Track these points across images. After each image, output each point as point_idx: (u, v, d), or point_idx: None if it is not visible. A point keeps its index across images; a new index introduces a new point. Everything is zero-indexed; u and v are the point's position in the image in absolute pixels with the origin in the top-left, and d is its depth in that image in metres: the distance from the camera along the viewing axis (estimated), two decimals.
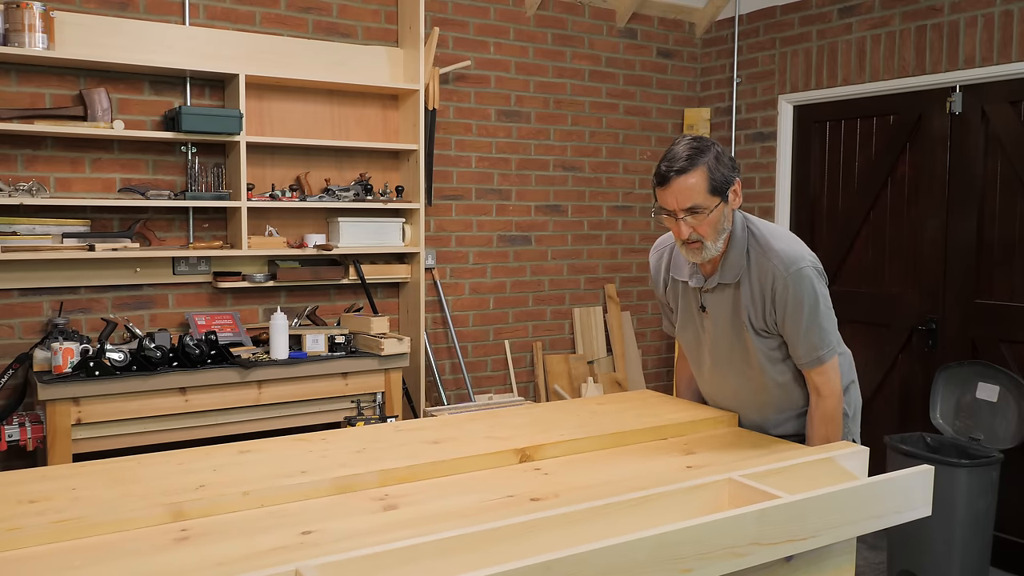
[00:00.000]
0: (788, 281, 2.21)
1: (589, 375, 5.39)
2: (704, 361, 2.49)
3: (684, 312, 2.49)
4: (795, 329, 2.24)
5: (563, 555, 1.33)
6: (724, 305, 2.34)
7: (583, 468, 1.98)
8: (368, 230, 4.46)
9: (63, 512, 1.56)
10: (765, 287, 2.25)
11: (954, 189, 4.38)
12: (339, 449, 2.01)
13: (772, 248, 2.26)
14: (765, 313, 2.27)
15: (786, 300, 2.22)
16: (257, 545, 1.47)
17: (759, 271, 2.26)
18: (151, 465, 1.87)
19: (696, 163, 2.17)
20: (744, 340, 2.34)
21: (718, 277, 2.32)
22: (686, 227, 2.20)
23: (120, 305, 4.04)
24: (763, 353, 2.33)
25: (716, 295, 2.35)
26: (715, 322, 2.37)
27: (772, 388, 2.38)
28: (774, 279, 2.23)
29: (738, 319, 2.32)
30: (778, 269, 2.22)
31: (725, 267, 2.30)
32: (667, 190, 2.19)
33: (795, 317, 2.23)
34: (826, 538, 1.69)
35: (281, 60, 4.27)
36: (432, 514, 1.65)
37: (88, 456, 3.34)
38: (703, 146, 2.20)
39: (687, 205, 2.18)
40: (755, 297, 2.27)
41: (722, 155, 2.22)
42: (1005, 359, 4.13)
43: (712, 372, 2.49)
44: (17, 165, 3.78)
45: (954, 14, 4.32)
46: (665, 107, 5.73)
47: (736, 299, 2.31)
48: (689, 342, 2.53)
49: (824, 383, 2.28)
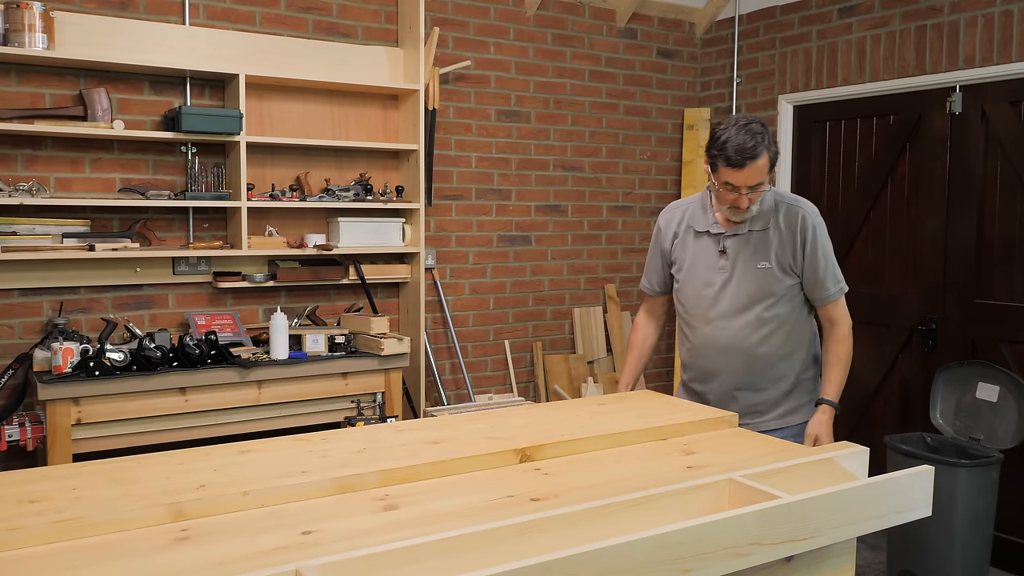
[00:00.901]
0: (816, 224, 2.70)
1: (589, 375, 5.39)
2: (710, 300, 2.78)
3: (693, 258, 2.83)
4: (824, 264, 2.71)
5: (563, 555, 1.33)
6: (746, 247, 2.73)
7: (583, 468, 1.98)
8: (368, 230, 4.46)
9: (63, 512, 1.56)
10: (795, 230, 2.69)
11: (954, 189, 4.38)
12: (339, 449, 2.00)
13: (797, 201, 2.76)
14: (795, 252, 2.70)
15: (817, 240, 2.69)
16: (257, 545, 1.47)
17: (787, 218, 2.71)
18: (151, 465, 1.86)
19: (761, 150, 2.55)
20: (761, 277, 2.71)
21: (747, 225, 2.72)
22: (747, 200, 2.61)
23: (120, 305, 4.04)
24: (777, 287, 2.71)
25: (740, 239, 2.73)
26: (734, 262, 2.75)
27: (774, 321, 2.73)
28: (803, 222, 2.69)
29: (760, 258, 2.71)
30: (807, 216, 2.71)
31: (757, 216, 2.71)
32: (740, 172, 2.56)
33: (824, 254, 2.71)
34: (826, 538, 1.68)
35: (281, 60, 4.28)
36: (432, 514, 1.65)
37: (88, 456, 3.34)
38: (761, 130, 2.57)
39: (753, 183, 2.58)
40: (785, 239, 2.70)
41: (771, 134, 2.61)
42: (1005, 359, 4.13)
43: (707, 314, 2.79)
44: (17, 165, 3.78)
45: (954, 14, 4.32)
46: (665, 107, 5.73)
47: (761, 242, 2.71)
48: (694, 284, 2.83)
49: (842, 314, 2.77)
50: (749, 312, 2.73)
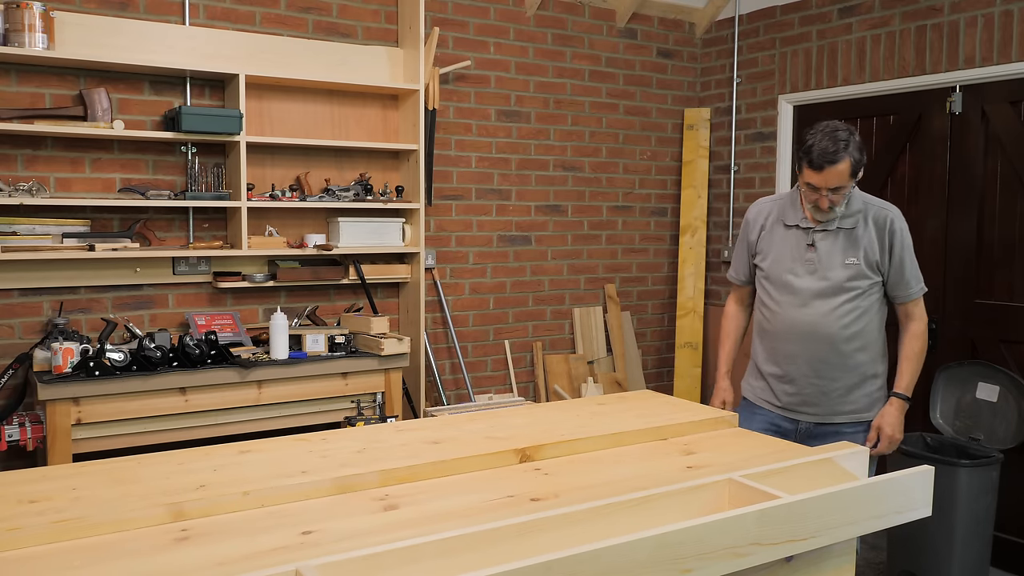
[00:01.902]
0: (903, 228, 2.88)
1: (589, 375, 5.39)
2: (794, 289, 2.94)
3: (780, 249, 2.99)
4: (910, 263, 2.88)
5: (563, 555, 1.33)
6: (835, 243, 2.89)
7: (583, 468, 1.98)
8: (368, 230, 4.46)
9: (63, 512, 1.56)
10: (883, 231, 2.86)
11: (954, 189, 4.38)
12: (339, 449, 2.01)
13: (885, 205, 2.92)
14: (882, 252, 2.86)
15: (904, 242, 2.87)
16: (257, 545, 1.47)
17: (876, 219, 2.87)
18: (151, 465, 1.86)
19: (843, 156, 2.72)
20: (846, 272, 2.86)
21: (837, 222, 2.88)
22: (827, 200, 2.79)
23: (120, 305, 4.04)
24: (862, 283, 2.86)
25: (829, 236, 2.89)
26: (821, 256, 2.90)
27: (854, 312, 2.88)
28: (891, 224, 2.86)
29: (848, 255, 2.87)
30: (895, 219, 2.87)
31: (845, 215, 2.87)
32: (820, 175, 2.75)
33: (910, 254, 2.89)
34: (826, 538, 1.68)
35: (281, 60, 4.27)
36: (432, 514, 1.65)
37: (88, 456, 3.34)
38: (846, 137, 2.74)
39: (833, 186, 2.76)
40: (874, 239, 2.86)
41: (858, 143, 2.77)
42: (1005, 359, 4.13)
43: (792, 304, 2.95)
44: (17, 165, 3.78)
45: (954, 14, 4.32)
46: (665, 107, 5.73)
47: (850, 239, 2.87)
48: (782, 273, 2.98)
49: (920, 312, 2.94)
50: (832, 301, 2.88)
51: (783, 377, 3.00)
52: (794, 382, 2.97)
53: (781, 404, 3.01)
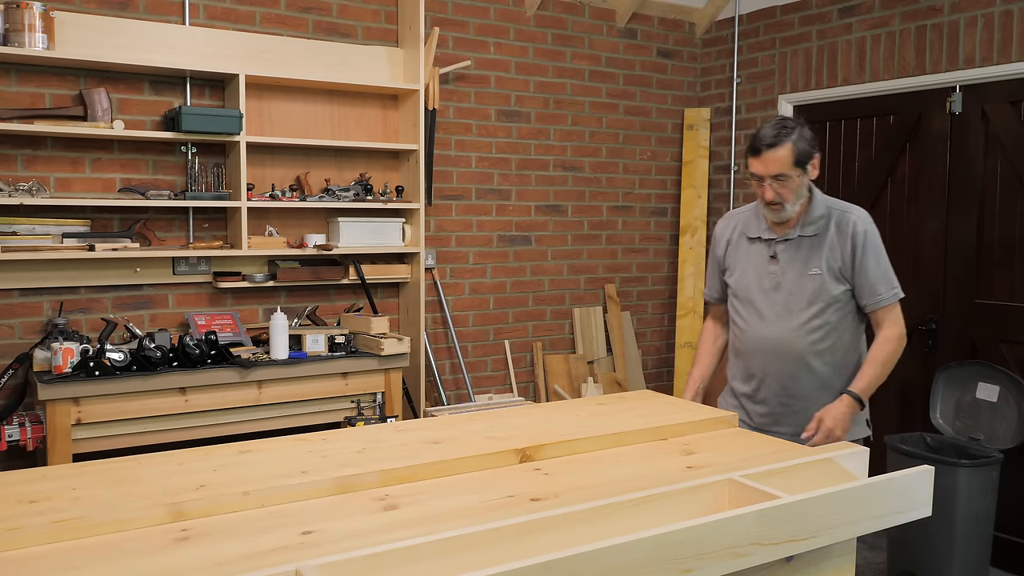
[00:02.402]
0: (867, 229, 2.72)
1: (589, 375, 5.39)
2: (760, 305, 2.83)
3: (745, 264, 2.88)
4: (876, 268, 2.71)
5: (563, 555, 1.33)
6: (798, 253, 2.77)
7: (583, 468, 1.98)
8: (368, 230, 4.46)
9: (63, 512, 1.56)
10: (846, 235, 2.71)
11: (954, 189, 4.38)
12: (339, 449, 2.00)
13: (848, 207, 2.78)
14: (844, 257, 2.71)
15: (868, 245, 2.70)
16: (257, 545, 1.47)
17: (839, 223, 2.73)
18: (151, 465, 1.86)
19: (785, 140, 2.63)
20: (812, 283, 2.74)
21: (798, 231, 2.76)
22: (771, 191, 2.67)
23: (120, 305, 4.04)
24: (828, 294, 2.73)
25: (791, 245, 2.78)
26: (784, 268, 2.78)
27: (824, 328, 2.74)
28: (854, 227, 2.71)
29: (812, 265, 2.74)
30: (857, 221, 2.72)
31: (807, 222, 2.75)
32: (759, 160, 2.67)
33: (877, 258, 2.72)
34: (826, 538, 1.68)
35: (281, 60, 4.28)
36: (432, 514, 1.65)
37: (88, 456, 3.34)
38: (791, 125, 2.67)
39: (773, 173, 2.65)
40: (835, 245, 2.72)
41: (807, 135, 2.68)
42: (1005, 359, 4.13)
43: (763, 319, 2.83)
44: (17, 165, 3.78)
45: (954, 14, 4.32)
46: (665, 107, 5.73)
47: (813, 248, 2.74)
48: (748, 288, 2.87)
49: (895, 318, 2.74)
50: (798, 317, 2.75)
51: (753, 396, 2.89)
52: (765, 402, 2.85)
53: (755, 424, 2.88)
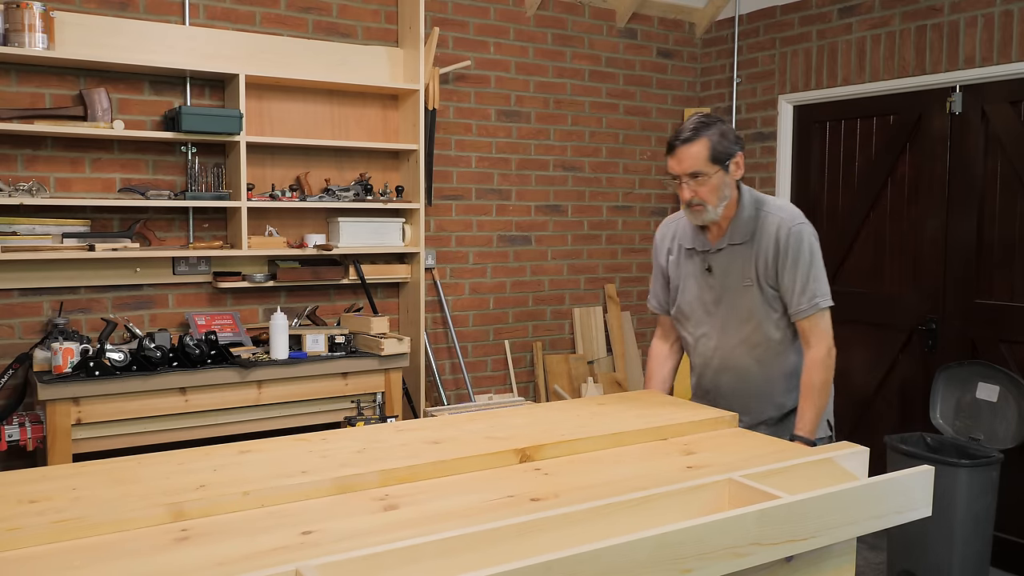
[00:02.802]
0: (791, 232, 2.51)
1: (589, 375, 5.39)
2: (702, 322, 2.69)
3: (686, 278, 2.72)
4: (794, 276, 2.50)
5: (563, 555, 1.33)
6: (731, 264, 2.59)
7: (583, 468, 1.98)
8: (368, 230, 4.46)
9: (63, 512, 1.56)
10: (769, 241, 2.53)
11: (954, 189, 4.38)
12: (339, 449, 2.00)
13: (777, 208, 2.58)
14: (772, 264, 2.53)
15: (788, 249, 2.50)
16: (257, 545, 1.47)
17: (765, 229, 2.54)
18: (151, 465, 1.86)
19: (699, 135, 2.48)
20: (747, 295, 2.57)
21: (727, 239, 2.58)
22: (688, 190, 2.50)
23: (120, 305, 4.04)
24: (764, 306, 2.56)
25: (723, 256, 2.60)
26: (721, 280, 2.62)
27: (765, 343, 2.60)
28: (778, 231, 2.52)
29: (744, 275, 2.57)
30: (783, 223, 2.52)
31: (735, 229, 2.57)
32: (674, 157, 2.51)
33: (796, 264, 2.50)
34: (826, 538, 1.68)
35: (281, 60, 4.27)
36: (432, 514, 1.65)
37: (88, 456, 3.34)
38: (709, 121, 2.50)
39: (689, 171, 2.49)
40: (763, 251, 2.54)
41: (727, 131, 2.51)
42: (1005, 359, 4.13)
43: (705, 335, 2.68)
44: (17, 165, 3.78)
45: (954, 14, 4.32)
46: (665, 107, 5.73)
47: (745, 257, 2.57)
48: (690, 304, 2.72)
49: (818, 333, 2.52)
50: (740, 332, 2.61)
51: (711, 399, 2.74)
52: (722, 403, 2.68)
53: None
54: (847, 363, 4.85)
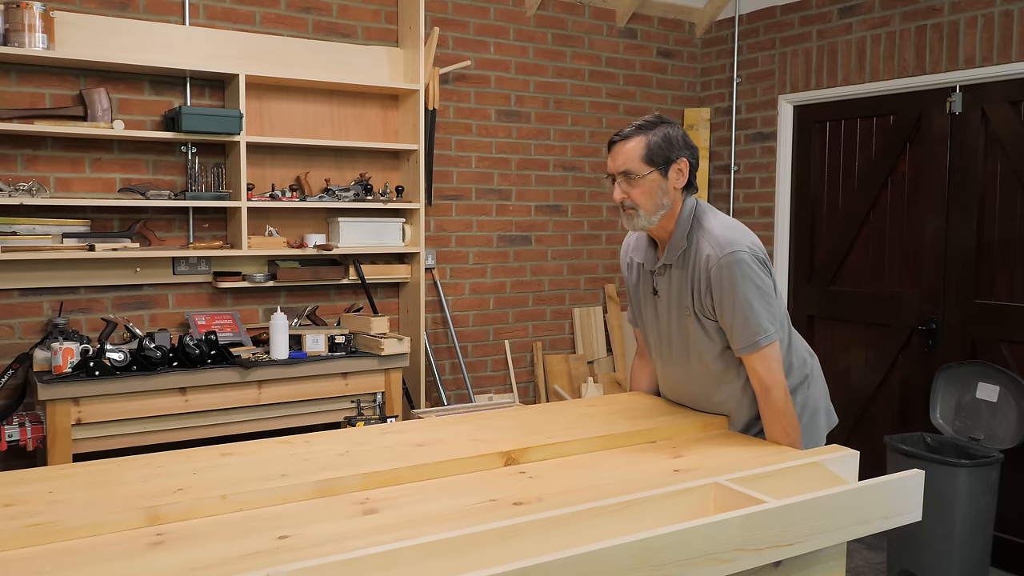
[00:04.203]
0: (721, 264, 2.22)
1: (589, 375, 5.38)
2: (654, 344, 2.52)
3: (640, 297, 2.54)
4: (731, 313, 2.24)
5: (543, 560, 1.32)
6: (672, 287, 2.37)
7: (569, 472, 1.97)
8: (368, 230, 4.46)
9: (37, 516, 1.55)
10: (700, 271, 2.27)
11: (954, 189, 4.36)
12: (322, 452, 2.00)
13: (711, 232, 2.28)
14: (702, 296, 2.28)
15: (720, 283, 2.23)
16: (233, 550, 1.47)
17: (697, 253, 2.29)
18: (131, 468, 1.85)
19: (639, 133, 2.28)
20: (686, 325, 2.36)
21: (664, 258, 2.36)
22: (619, 190, 2.29)
23: (120, 305, 4.05)
24: (705, 338, 2.33)
25: (665, 278, 2.39)
26: (666, 305, 2.41)
27: (708, 377, 2.39)
28: (707, 261, 2.25)
29: (682, 303, 2.35)
30: (713, 252, 2.24)
31: (671, 247, 2.34)
32: (610, 154, 2.33)
33: (729, 301, 2.23)
34: (814, 543, 1.67)
35: (281, 60, 4.28)
36: (413, 518, 1.64)
37: (88, 456, 3.36)
38: (656, 121, 2.30)
39: (621, 169, 2.28)
40: (694, 279, 2.30)
41: (674, 135, 2.29)
42: (1005, 359, 4.10)
43: (660, 359, 2.53)
44: (17, 165, 3.79)
45: (954, 14, 4.29)
46: (665, 107, 5.71)
47: (681, 282, 2.34)
48: (647, 327, 2.54)
49: (766, 371, 2.25)
50: (687, 362, 2.42)
51: None
52: None
53: None
54: (847, 363, 4.85)
